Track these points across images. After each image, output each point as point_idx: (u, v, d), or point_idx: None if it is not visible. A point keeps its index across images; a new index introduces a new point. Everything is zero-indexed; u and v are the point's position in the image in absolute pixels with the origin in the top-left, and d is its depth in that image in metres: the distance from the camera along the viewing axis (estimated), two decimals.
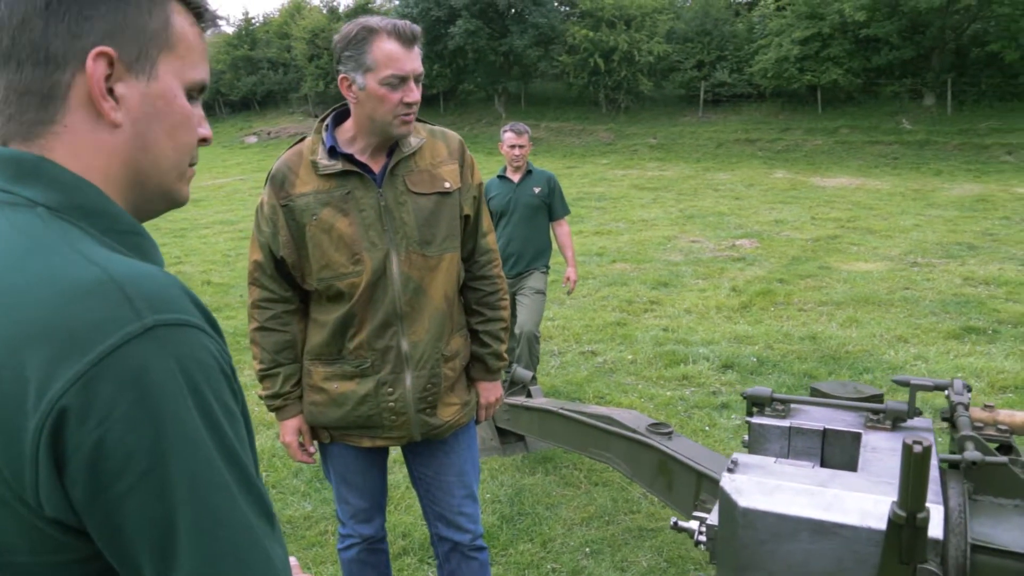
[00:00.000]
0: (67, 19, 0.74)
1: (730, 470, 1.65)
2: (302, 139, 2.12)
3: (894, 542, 1.34)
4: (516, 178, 4.81)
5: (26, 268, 0.70)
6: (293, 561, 0.92)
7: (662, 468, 2.57)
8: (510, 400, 3.70)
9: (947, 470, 1.68)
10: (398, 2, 30.98)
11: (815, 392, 2.08)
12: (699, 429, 4.44)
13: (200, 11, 0.84)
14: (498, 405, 2.41)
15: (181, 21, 0.81)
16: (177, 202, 0.88)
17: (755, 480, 1.60)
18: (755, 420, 1.91)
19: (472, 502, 2.31)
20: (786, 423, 1.88)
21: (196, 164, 0.89)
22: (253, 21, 38.32)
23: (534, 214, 4.81)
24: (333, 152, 2.02)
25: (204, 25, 0.85)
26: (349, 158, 2.01)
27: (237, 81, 35.42)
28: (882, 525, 1.41)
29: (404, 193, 2.04)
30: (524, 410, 3.58)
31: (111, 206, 0.78)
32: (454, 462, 2.27)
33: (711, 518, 1.72)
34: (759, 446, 1.88)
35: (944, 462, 1.68)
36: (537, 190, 4.80)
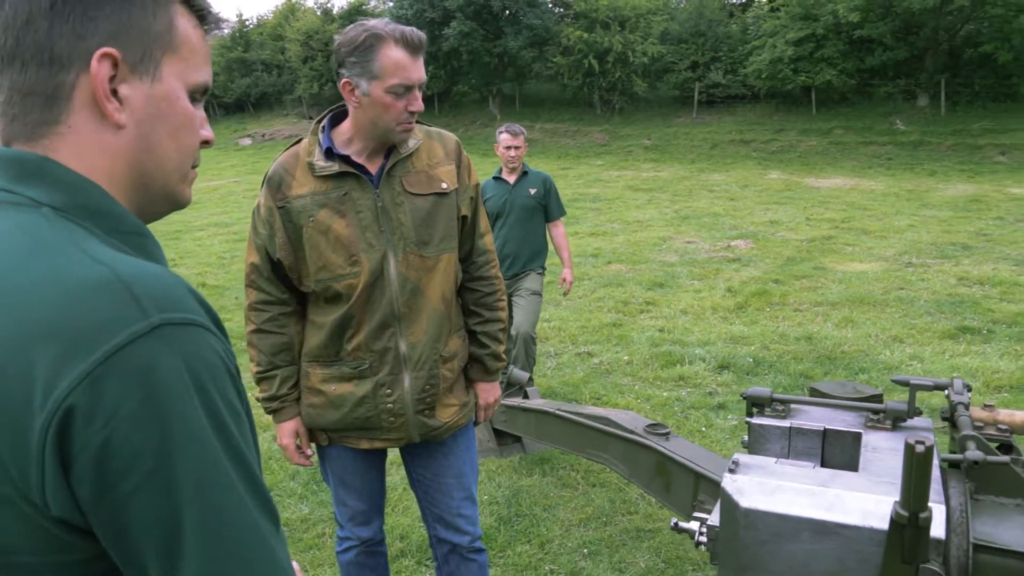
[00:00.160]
0: (72, 20, 0.74)
1: (731, 471, 1.65)
2: (298, 141, 2.11)
3: (896, 542, 1.34)
4: (512, 179, 4.80)
5: (31, 267, 0.69)
6: (295, 565, 0.91)
7: (660, 469, 2.57)
8: (507, 401, 3.69)
9: (948, 470, 1.68)
10: (392, 3, 30.96)
11: (814, 392, 2.08)
12: (695, 430, 4.44)
13: (203, 14, 0.84)
14: (496, 406, 2.41)
15: (184, 23, 0.81)
16: (180, 204, 0.88)
17: (756, 480, 1.59)
18: (755, 420, 1.91)
19: (471, 504, 2.30)
20: (786, 423, 1.87)
21: (198, 166, 0.89)
22: (247, 23, 38.21)
23: (530, 215, 4.80)
24: (330, 153, 2.01)
25: (207, 28, 0.85)
26: (346, 159, 2.01)
27: (231, 83, 35.31)
28: (884, 525, 1.41)
29: (401, 194, 2.03)
30: (521, 411, 3.58)
31: (115, 206, 0.78)
32: (452, 463, 2.26)
33: (712, 519, 1.72)
34: (759, 446, 1.88)
35: (945, 461, 1.67)
36: (533, 191, 4.78)
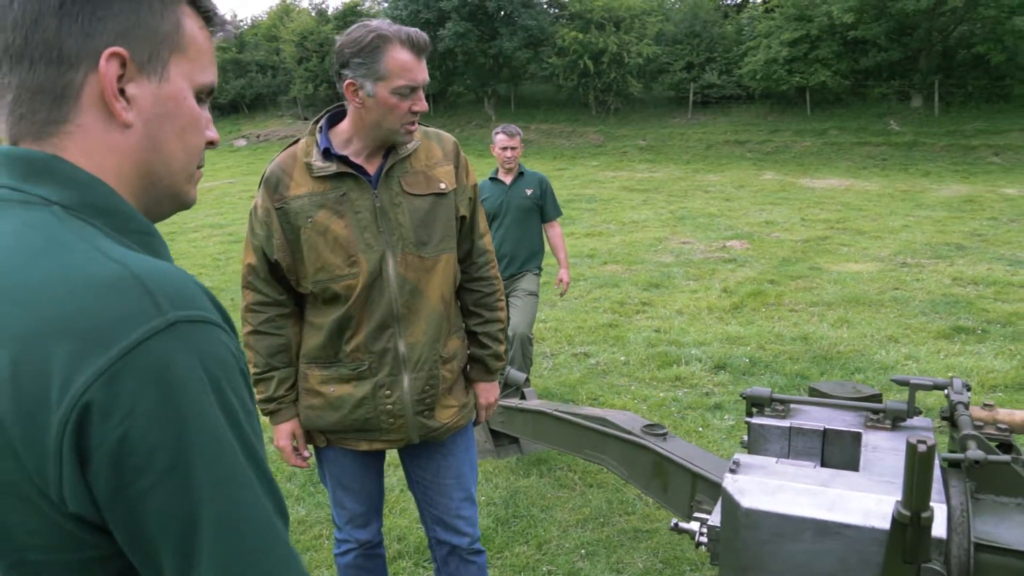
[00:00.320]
0: (81, 19, 0.74)
1: (732, 471, 1.65)
2: (295, 141, 2.10)
3: (898, 541, 1.34)
4: (508, 180, 4.79)
5: (43, 264, 0.69)
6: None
7: (658, 469, 2.57)
8: (504, 402, 3.68)
9: (948, 469, 1.68)
10: (387, 4, 30.94)
11: (814, 392, 2.08)
12: (692, 430, 4.44)
13: (209, 15, 0.85)
14: (496, 405, 2.40)
15: (191, 24, 0.82)
16: (185, 204, 0.88)
17: (758, 480, 1.59)
18: (755, 420, 1.90)
19: (470, 505, 2.30)
20: (786, 423, 1.87)
21: (203, 166, 0.89)
22: (241, 24, 38.20)
23: (526, 216, 4.79)
24: (328, 154, 2.00)
25: (213, 29, 0.86)
26: (344, 160, 2.00)
27: (226, 84, 35.17)
28: (885, 524, 1.40)
29: (400, 194, 2.03)
30: (518, 412, 3.57)
31: (124, 205, 0.78)
32: (452, 464, 2.26)
33: (712, 519, 1.72)
34: (759, 446, 1.87)
35: (945, 461, 1.67)
36: (529, 192, 4.78)
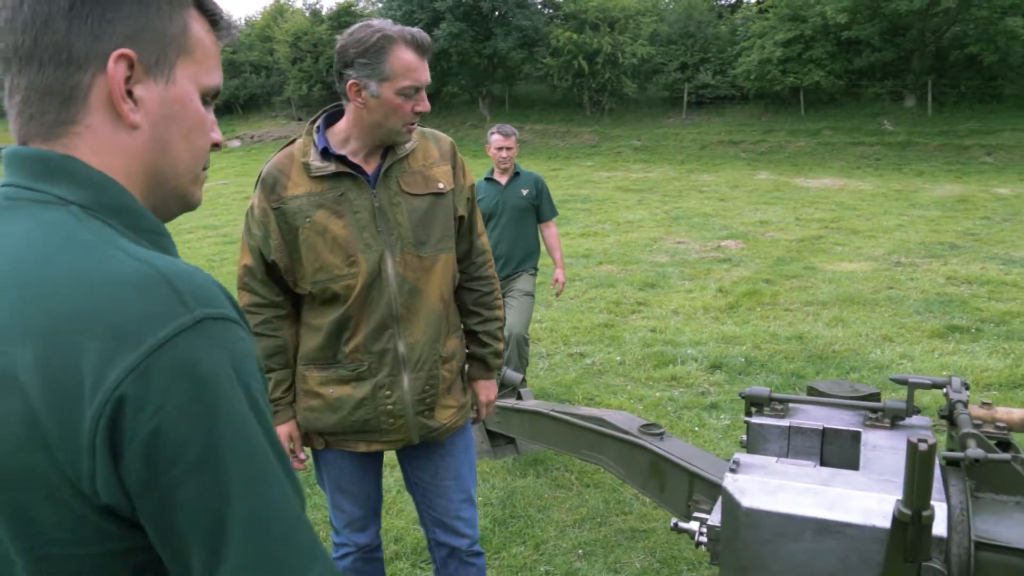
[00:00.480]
0: (90, 21, 0.75)
1: (732, 470, 1.64)
2: (292, 141, 2.09)
3: (898, 540, 1.34)
4: (503, 180, 4.79)
5: (63, 262, 0.70)
6: None
7: (655, 469, 2.56)
8: (501, 403, 3.68)
9: (948, 468, 1.68)
10: (381, 5, 30.90)
11: (812, 391, 2.08)
12: (688, 430, 4.45)
13: (215, 18, 0.86)
14: (495, 403, 2.40)
15: (198, 27, 0.83)
16: (191, 205, 0.89)
17: (758, 480, 1.59)
18: (754, 420, 1.90)
19: (470, 506, 2.29)
20: (785, 423, 1.87)
21: (208, 168, 0.90)
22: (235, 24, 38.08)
23: (522, 216, 4.79)
24: (326, 154, 2.00)
25: (219, 32, 0.86)
26: (342, 159, 1.99)
27: None
28: (886, 523, 1.40)
29: (398, 194, 2.02)
30: (515, 412, 3.57)
31: (137, 205, 0.79)
32: (451, 465, 2.25)
33: (712, 519, 1.71)
34: (758, 446, 1.87)
35: (944, 459, 1.68)
36: (525, 192, 4.78)
